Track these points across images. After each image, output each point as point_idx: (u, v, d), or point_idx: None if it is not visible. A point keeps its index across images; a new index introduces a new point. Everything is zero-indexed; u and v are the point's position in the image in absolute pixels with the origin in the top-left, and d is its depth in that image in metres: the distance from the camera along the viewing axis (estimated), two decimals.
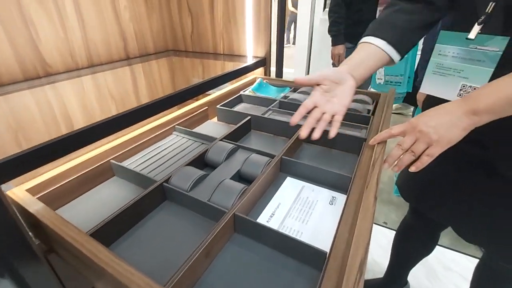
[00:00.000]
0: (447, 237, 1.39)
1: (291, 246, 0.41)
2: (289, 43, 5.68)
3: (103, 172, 0.60)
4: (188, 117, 0.81)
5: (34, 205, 0.45)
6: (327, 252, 0.38)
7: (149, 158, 0.67)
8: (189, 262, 0.35)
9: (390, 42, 0.57)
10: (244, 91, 1.01)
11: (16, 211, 0.40)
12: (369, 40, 0.59)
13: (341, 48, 1.85)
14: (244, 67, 1.07)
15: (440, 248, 1.34)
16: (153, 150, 0.70)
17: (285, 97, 0.94)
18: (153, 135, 0.72)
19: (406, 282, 1.12)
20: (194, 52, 1.39)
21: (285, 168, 0.61)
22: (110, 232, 0.44)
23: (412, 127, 0.50)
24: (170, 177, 0.54)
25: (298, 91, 0.98)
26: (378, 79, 1.60)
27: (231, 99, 0.92)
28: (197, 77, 1.39)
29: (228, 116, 0.86)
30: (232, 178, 0.56)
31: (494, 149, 0.56)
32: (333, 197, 0.54)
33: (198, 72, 1.38)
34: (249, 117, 0.79)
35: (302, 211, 0.50)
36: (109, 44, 1.13)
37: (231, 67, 1.07)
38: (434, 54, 0.59)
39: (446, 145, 0.47)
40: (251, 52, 1.24)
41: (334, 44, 1.88)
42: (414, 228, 0.94)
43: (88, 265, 0.37)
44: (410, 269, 1.04)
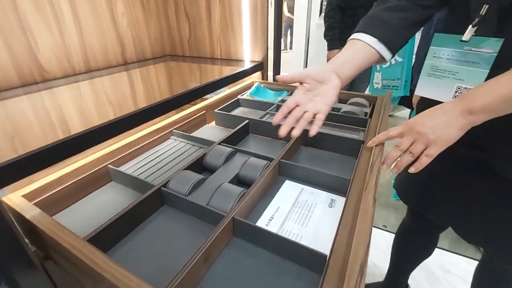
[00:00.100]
0: (446, 240, 1.39)
1: (291, 250, 0.41)
2: (286, 49, 5.72)
3: (101, 177, 0.60)
4: (186, 122, 0.81)
5: (31, 211, 0.45)
6: (327, 255, 0.37)
7: (147, 163, 0.67)
8: (188, 267, 0.35)
9: (382, 40, 0.56)
10: (242, 95, 1.01)
11: (12, 218, 0.40)
12: (359, 37, 0.58)
13: (337, 53, 1.86)
14: (242, 71, 1.08)
15: (440, 251, 1.34)
16: (151, 155, 0.70)
17: (283, 101, 0.94)
18: (151, 140, 0.72)
19: (407, 285, 1.12)
20: (192, 57, 1.40)
21: (284, 171, 0.61)
22: (108, 238, 0.44)
23: (410, 128, 0.50)
24: (168, 182, 0.54)
25: None
26: (376, 84, 1.61)
27: (229, 103, 0.93)
28: (195, 82, 1.39)
29: (226, 120, 0.86)
30: (231, 182, 0.56)
31: (490, 150, 0.57)
32: (332, 200, 0.54)
33: (196, 77, 1.38)
34: (247, 121, 0.79)
35: (301, 214, 0.50)
36: (107, 50, 1.13)
37: (229, 72, 1.07)
38: (429, 57, 0.59)
39: (444, 145, 0.47)
40: (249, 57, 1.24)
41: (330, 49, 1.90)
42: (413, 230, 0.94)
43: (86, 272, 0.37)
44: (410, 272, 1.04)
